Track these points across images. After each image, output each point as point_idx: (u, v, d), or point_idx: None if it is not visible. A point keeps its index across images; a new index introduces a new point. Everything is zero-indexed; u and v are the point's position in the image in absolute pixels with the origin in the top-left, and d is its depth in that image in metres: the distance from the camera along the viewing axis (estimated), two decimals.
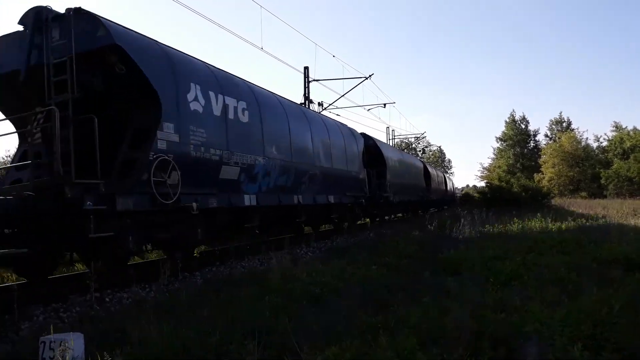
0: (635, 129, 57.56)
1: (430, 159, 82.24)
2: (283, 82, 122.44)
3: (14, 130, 8.18)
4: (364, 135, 20.28)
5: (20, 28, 7.64)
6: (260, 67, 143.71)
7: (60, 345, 3.74)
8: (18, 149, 8.28)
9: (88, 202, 6.64)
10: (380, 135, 62.66)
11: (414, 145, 72.69)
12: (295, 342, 3.94)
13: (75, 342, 3.85)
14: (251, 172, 10.28)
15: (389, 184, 21.22)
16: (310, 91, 24.85)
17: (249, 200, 10.26)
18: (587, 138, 70.17)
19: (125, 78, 7.58)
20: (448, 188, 48.32)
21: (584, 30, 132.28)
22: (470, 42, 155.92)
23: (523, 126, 73.09)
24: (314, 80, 25.17)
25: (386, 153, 21.96)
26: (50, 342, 3.84)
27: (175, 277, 8.09)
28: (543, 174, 59.58)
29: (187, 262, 8.91)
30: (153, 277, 7.85)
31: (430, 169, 36.44)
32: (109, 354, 3.93)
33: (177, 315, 5.27)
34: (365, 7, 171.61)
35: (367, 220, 21.85)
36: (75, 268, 9.55)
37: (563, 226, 14.01)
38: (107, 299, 6.89)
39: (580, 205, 29.92)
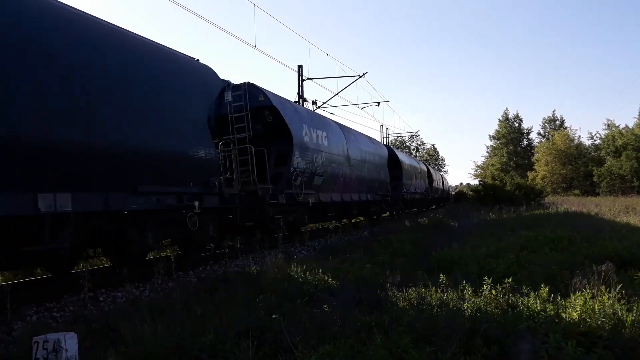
0: (627, 127, 57.99)
1: (424, 158, 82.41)
2: (277, 80, 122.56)
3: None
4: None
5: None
6: (254, 66, 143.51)
7: (54, 345, 3.73)
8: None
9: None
10: (374, 134, 62.78)
11: (407, 144, 72.81)
12: (290, 341, 3.95)
13: (68, 341, 3.84)
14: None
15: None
16: (304, 90, 24.85)
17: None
18: (579, 136, 70.66)
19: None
20: (444, 187, 49.22)
21: (577, 29, 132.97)
22: (464, 41, 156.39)
23: (516, 124, 73.49)
24: (308, 78, 25.17)
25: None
26: (44, 342, 3.82)
27: (170, 276, 8.07)
28: (536, 171, 59.88)
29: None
30: (147, 276, 7.84)
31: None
32: (103, 354, 3.93)
33: (171, 314, 5.27)
34: (358, 5, 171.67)
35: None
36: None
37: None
38: (100, 299, 6.88)
39: (573, 203, 30.09)
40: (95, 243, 8.17)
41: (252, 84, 12.04)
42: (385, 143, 41.11)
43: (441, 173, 59.77)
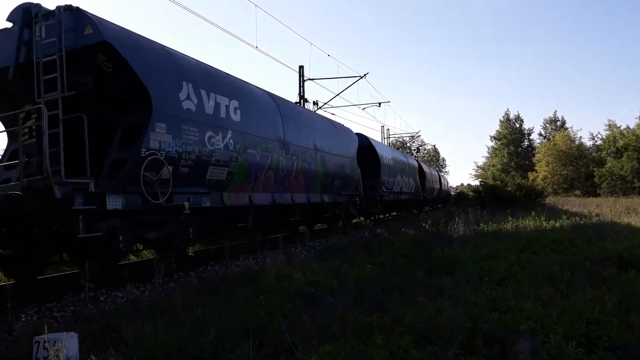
0: (628, 127, 57.94)
1: (425, 158, 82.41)
2: (278, 81, 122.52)
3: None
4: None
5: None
6: (255, 66, 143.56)
7: (55, 345, 3.73)
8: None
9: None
10: (375, 134, 62.77)
11: (408, 144, 72.80)
12: (290, 341, 3.95)
13: (69, 341, 3.84)
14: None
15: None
16: (305, 90, 24.83)
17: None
18: (580, 137, 70.57)
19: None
20: (442, 187, 48.37)
21: (578, 30, 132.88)
22: (465, 42, 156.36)
23: (517, 125, 73.41)
24: (309, 79, 25.15)
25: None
26: (44, 341, 3.83)
27: (170, 276, 8.07)
28: (537, 172, 59.83)
29: (181, 261, 8.94)
30: (148, 276, 7.84)
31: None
32: (104, 354, 3.93)
33: (172, 314, 5.26)
34: (360, 6, 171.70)
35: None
36: (66, 269, 9.50)
37: (557, 225, 14.04)
38: (101, 299, 6.88)
39: (574, 203, 30.05)
40: None
41: (72, 7, 7.35)
42: (387, 143, 41.02)
43: (440, 172, 59.62)
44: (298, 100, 24.15)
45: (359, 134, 20.48)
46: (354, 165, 17.89)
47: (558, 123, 70.81)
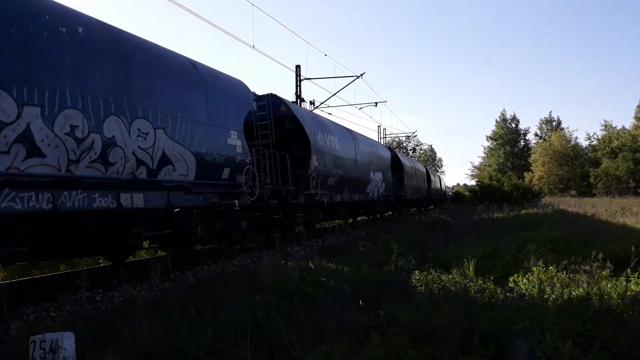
0: (624, 128, 58.15)
1: (421, 158, 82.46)
2: (275, 80, 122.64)
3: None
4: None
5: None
6: (251, 65, 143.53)
7: (51, 344, 3.72)
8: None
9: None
10: (372, 134, 62.75)
11: (404, 144, 72.85)
12: (287, 341, 3.95)
13: (66, 341, 3.83)
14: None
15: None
16: (302, 90, 24.86)
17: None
18: (576, 137, 70.80)
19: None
20: (442, 187, 49.42)
21: (574, 30, 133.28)
22: (461, 42, 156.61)
23: (513, 125, 73.61)
24: (306, 78, 25.20)
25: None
26: (41, 341, 3.82)
27: (167, 275, 8.06)
28: (533, 172, 60.01)
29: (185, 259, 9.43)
30: (144, 275, 7.82)
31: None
32: (100, 353, 3.92)
33: (168, 313, 5.26)
34: (357, 6, 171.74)
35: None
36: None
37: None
38: (98, 298, 6.85)
39: (570, 203, 30.15)
40: None
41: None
42: (384, 144, 41.20)
43: (438, 174, 59.78)
44: (295, 100, 24.14)
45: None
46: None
47: (554, 123, 71.07)
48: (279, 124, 13.61)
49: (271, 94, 13.74)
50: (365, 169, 19.63)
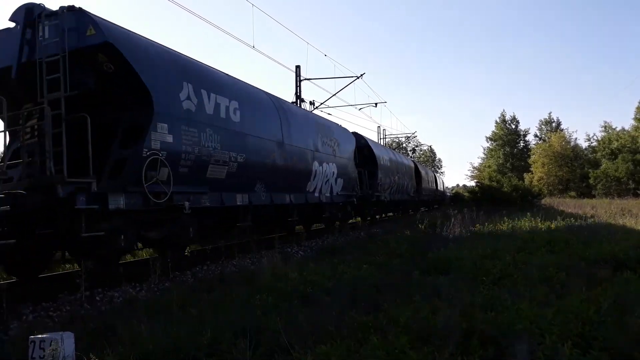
0: (623, 129, 58.15)
1: (421, 159, 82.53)
2: (275, 80, 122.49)
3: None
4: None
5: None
6: (252, 66, 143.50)
7: (50, 344, 3.72)
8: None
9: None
10: (371, 135, 62.79)
11: (404, 145, 72.88)
12: (286, 341, 3.95)
13: (65, 341, 3.82)
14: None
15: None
16: (302, 90, 24.84)
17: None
18: (576, 138, 70.88)
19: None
20: (438, 187, 48.52)
21: (574, 31, 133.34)
22: (461, 43, 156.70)
23: (513, 126, 73.58)
24: (306, 79, 25.18)
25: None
26: (40, 341, 3.81)
27: (166, 275, 8.05)
28: (532, 173, 60.00)
29: (177, 261, 8.97)
30: (144, 276, 7.82)
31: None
32: (100, 354, 3.92)
33: (168, 314, 5.26)
34: (357, 7, 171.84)
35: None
36: (67, 267, 9.48)
37: (552, 225, 14.11)
38: (97, 298, 6.85)
39: (570, 205, 30.14)
40: None
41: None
42: (383, 143, 41.01)
43: (436, 173, 59.66)
44: (295, 100, 24.15)
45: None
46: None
47: (553, 124, 71.06)
48: (87, 64, 7.52)
49: (68, 6, 7.41)
50: (303, 158, 13.73)
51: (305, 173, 13.90)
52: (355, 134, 20.32)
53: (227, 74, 10.97)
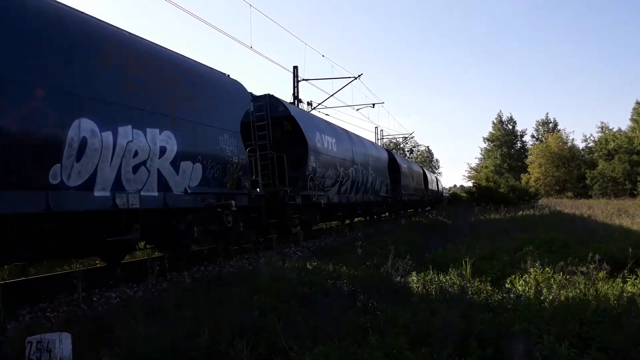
0: (620, 130, 58.31)
1: (418, 159, 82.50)
2: (272, 81, 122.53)
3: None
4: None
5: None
6: (249, 66, 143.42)
7: (47, 345, 3.70)
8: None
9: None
10: (369, 135, 62.86)
11: (402, 145, 72.89)
12: (284, 342, 3.94)
13: (62, 342, 3.81)
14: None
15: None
16: (300, 90, 24.82)
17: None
18: (573, 139, 70.96)
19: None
20: (438, 188, 49.46)
21: (571, 32, 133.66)
22: (458, 44, 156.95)
23: (510, 127, 73.71)
24: (303, 79, 25.15)
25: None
26: (37, 342, 3.79)
27: (164, 276, 8.04)
28: (529, 174, 60.11)
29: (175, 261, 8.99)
30: (141, 276, 7.80)
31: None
32: (97, 354, 3.91)
33: (165, 315, 5.24)
34: (355, 7, 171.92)
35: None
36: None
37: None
38: (94, 299, 6.83)
39: (566, 205, 30.22)
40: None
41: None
42: (381, 145, 41.19)
43: (435, 175, 59.77)
44: (292, 101, 24.12)
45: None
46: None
47: (550, 125, 71.20)
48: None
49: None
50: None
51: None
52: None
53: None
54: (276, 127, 13.54)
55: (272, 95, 13.70)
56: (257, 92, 14.35)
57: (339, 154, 16.85)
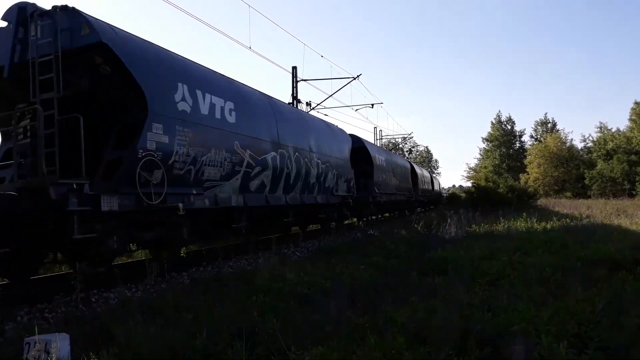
0: (618, 130, 58.36)
1: (417, 159, 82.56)
2: (271, 81, 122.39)
3: None
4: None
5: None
6: (248, 67, 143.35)
7: (45, 346, 3.70)
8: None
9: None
10: (368, 136, 62.93)
11: (401, 146, 72.94)
12: (283, 342, 3.94)
13: (60, 343, 3.81)
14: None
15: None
16: (299, 91, 24.82)
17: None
18: (571, 139, 71.11)
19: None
20: (435, 188, 48.28)
21: (570, 32, 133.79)
22: (457, 44, 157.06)
23: (509, 127, 73.72)
24: (302, 80, 25.13)
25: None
26: (35, 343, 3.79)
27: (162, 277, 8.03)
28: (528, 174, 60.14)
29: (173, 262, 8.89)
30: (139, 277, 7.79)
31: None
32: (95, 355, 3.90)
33: (163, 315, 5.23)
34: (353, 8, 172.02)
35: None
36: (61, 269, 9.44)
37: (549, 226, 14.16)
38: (93, 300, 6.82)
39: (565, 205, 30.22)
40: None
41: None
42: (380, 144, 41.04)
43: (433, 174, 59.63)
44: (291, 101, 24.12)
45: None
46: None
47: (549, 125, 71.23)
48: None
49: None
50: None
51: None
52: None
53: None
54: (81, 67, 7.53)
55: (68, 6, 7.32)
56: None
57: (241, 129, 10.32)
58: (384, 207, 25.23)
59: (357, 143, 20.72)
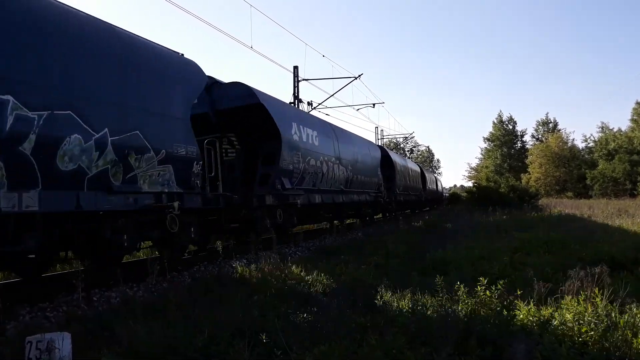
0: (620, 130, 58.30)
1: (419, 159, 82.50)
2: (273, 81, 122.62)
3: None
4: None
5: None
6: (249, 66, 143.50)
7: (47, 345, 3.70)
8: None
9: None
10: (369, 135, 62.98)
11: (402, 145, 72.90)
12: (284, 342, 3.94)
13: (62, 341, 3.81)
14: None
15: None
16: (300, 90, 24.84)
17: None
18: (573, 139, 71.00)
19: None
20: (438, 188, 49.18)
21: (571, 32, 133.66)
22: (459, 44, 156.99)
23: (510, 127, 73.68)
24: (304, 79, 25.18)
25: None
26: (37, 342, 3.79)
27: (164, 276, 8.04)
28: (530, 174, 60.10)
29: (174, 261, 8.96)
30: (141, 276, 7.80)
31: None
32: (97, 354, 3.91)
33: (165, 314, 5.25)
34: (355, 7, 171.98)
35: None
36: (64, 268, 9.45)
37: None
38: (94, 299, 6.84)
39: (567, 205, 30.20)
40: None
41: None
42: (379, 144, 41.18)
43: (435, 174, 59.80)
44: (292, 101, 24.13)
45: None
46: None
47: (550, 125, 71.18)
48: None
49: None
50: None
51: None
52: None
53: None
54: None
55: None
56: None
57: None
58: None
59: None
